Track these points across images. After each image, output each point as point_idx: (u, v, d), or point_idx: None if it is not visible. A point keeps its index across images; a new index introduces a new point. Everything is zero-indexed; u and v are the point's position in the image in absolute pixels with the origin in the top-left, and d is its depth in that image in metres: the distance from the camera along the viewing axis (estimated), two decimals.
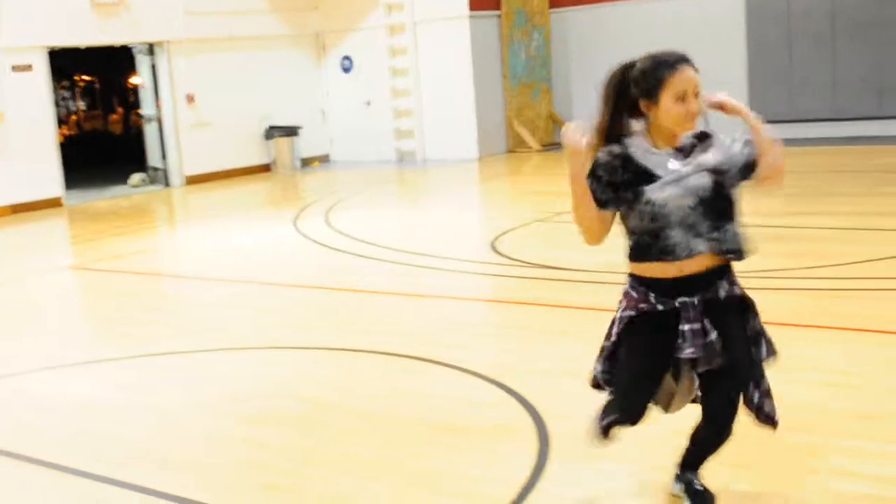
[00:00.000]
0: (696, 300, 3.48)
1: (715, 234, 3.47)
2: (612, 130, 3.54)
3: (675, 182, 3.45)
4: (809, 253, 8.20)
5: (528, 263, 8.62)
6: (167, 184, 17.74)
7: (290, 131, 18.90)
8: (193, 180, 17.72)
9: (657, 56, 3.48)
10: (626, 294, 3.61)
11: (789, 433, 4.44)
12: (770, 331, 5.93)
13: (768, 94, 17.22)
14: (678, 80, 3.41)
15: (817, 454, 4.20)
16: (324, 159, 20.04)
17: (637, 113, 3.53)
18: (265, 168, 18.91)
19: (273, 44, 19.00)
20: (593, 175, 3.50)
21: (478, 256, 9.27)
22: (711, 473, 3.91)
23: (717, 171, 3.48)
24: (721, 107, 3.46)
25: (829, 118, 16.74)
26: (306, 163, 19.48)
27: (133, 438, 5.11)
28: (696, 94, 3.43)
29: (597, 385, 3.78)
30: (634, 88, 3.49)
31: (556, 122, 19.62)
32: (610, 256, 3.79)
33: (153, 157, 18.24)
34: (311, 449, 4.75)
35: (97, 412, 5.56)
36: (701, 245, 3.46)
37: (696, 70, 3.44)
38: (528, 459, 4.35)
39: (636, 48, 3.69)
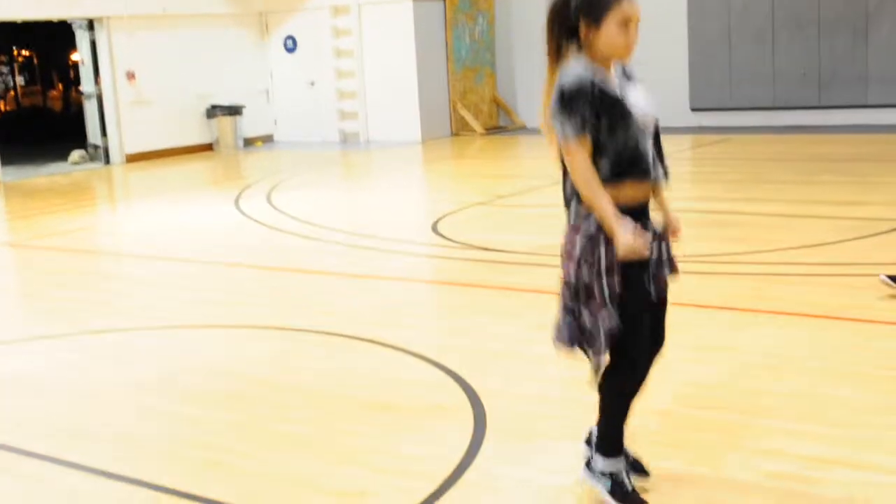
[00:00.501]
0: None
1: (659, 165, 3.60)
2: (560, 55, 3.49)
3: (640, 107, 3.49)
4: (748, 238, 8.31)
5: (470, 245, 8.64)
6: (107, 161, 17.50)
7: (233, 111, 18.73)
8: (134, 158, 17.50)
9: None
10: (591, 238, 3.43)
11: (721, 413, 4.52)
12: (707, 314, 6.03)
13: (709, 86, 17.40)
14: (626, 6, 3.41)
15: (748, 434, 4.26)
16: (267, 139, 19.90)
17: (573, 38, 3.47)
18: (207, 147, 18.73)
19: (216, 22, 18.81)
20: (572, 103, 3.37)
21: (419, 238, 9.28)
22: (642, 452, 3.96)
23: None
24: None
25: (768, 107, 16.97)
26: (249, 142, 19.34)
27: (68, 415, 5.05)
28: (637, 26, 3.45)
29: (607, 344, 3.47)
30: (578, 11, 3.43)
31: (499, 106, 19.66)
32: (549, 239, 3.82)
33: (93, 135, 18.00)
34: (247, 425, 4.74)
35: (31, 389, 5.49)
36: (656, 170, 3.57)
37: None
38: (464, 438, 4.37)
39: None
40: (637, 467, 3.84)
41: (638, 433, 4.21)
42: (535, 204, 10.69)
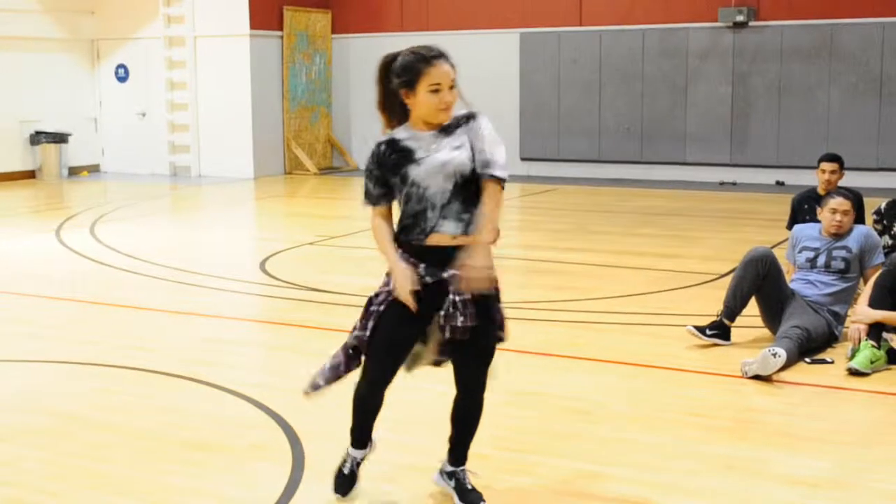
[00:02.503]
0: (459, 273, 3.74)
1: (465, 217, 3.76)
2: (390, 111, 3.85)
3: (431, 160, 3.73)
4: (568, 286, 8.58)
5: (296, 285, 8.64)
6: None
7: (59, 138, 18.18)
8: None
9: (416, 50, 3.79)
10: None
11: (533, 456, 4.66)
12: (524, 359, 6.19)
13: (537, 134, 17.92)
14: (434, 73, 3.72)
15: (559, 477, 4.41)
16: (94, 169, 19.40)
17: (397, 101, 3.82)
18: (29, 174, 18.10)
19: (44, 46, 18.28)
20: (367, 173, 3.84)
21: (247, 276, 9.22)
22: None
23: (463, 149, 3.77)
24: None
25: (594, 160, 17.59)
26: (74, 172, 18.78)
27: None
28: (451, 87, 3.74)
29: (352, 349, 3.96)
30: (396, 80, 3.78)
31: (334, 147, 19.73)
32: (376, 281, 3.91)
33: None
34: (58, 464, 4.62)
35: None
36: (449, 227, 3.76)
37: (451, 65, 3.76)
38: (282, 479, 4.38)
39: None
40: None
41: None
42: (365, 246, 10.76)
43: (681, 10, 16.80)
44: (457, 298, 3.72)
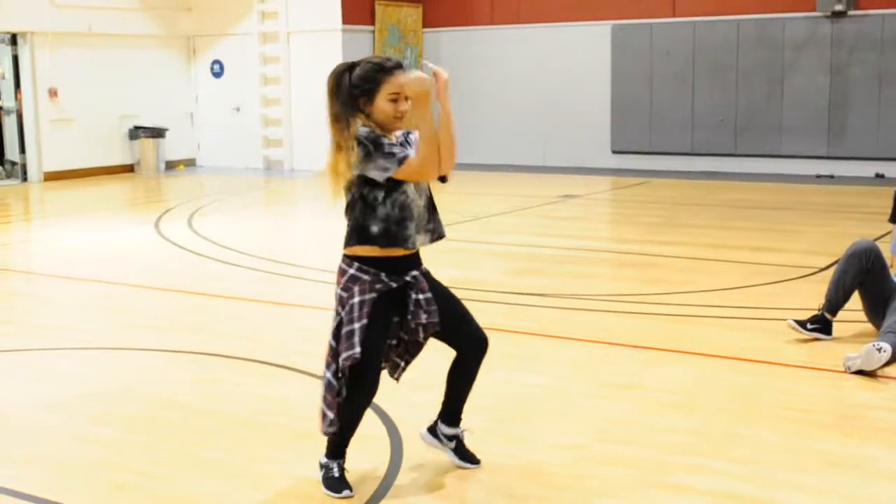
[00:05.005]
0: (419, 273, 4.02)
1: (431, 226, 4.05)
2: (341, 121, 3.95)
3: None
4: (663, 280, 8.48)
5: None
6: (24, 179, 17.22)
7: (156, 133, 18.57)
8: (52, 177, 17.25)
9: (376, 60, 3.94)
10: (353, 279, 4.09)
11: (631, 448, 4.62)
12: (620, 352, 6.15)
13: (629, 126, 17.75)
14: (393, 83, 3.88)
15: (658, 469, 4.37)
16: (190, 163, 19.76)
17: (356, 109, 3.94)
18: (129, 168, 18.54)
19: (142, 43, 18.68)
20: (378, 144, 3.88)
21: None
22: (550, 483, 4.03)
23: None
24: (435, 74, 3.83)
25: (687, 152, 17.35)
26: (171, 166, 19.17)
27: None
28: (408, 98, 3.89)
29: (355, 367, 4.03)
30: (355, 88, 3.90)
31: None
32: (464, 273, 3.92)
33: (11, 151, 17.70)
34: (162, 449, 4.71)
35: None
36: (425, 237, 4.04)
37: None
38: (380, 467, 4.41)
39: (506, 71, 3.95)
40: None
41: (549, 466, 4.30)
42: (452, 238, 10.77)
43: (777, 0, 16.48)
44: (420, 297, 4.00)
